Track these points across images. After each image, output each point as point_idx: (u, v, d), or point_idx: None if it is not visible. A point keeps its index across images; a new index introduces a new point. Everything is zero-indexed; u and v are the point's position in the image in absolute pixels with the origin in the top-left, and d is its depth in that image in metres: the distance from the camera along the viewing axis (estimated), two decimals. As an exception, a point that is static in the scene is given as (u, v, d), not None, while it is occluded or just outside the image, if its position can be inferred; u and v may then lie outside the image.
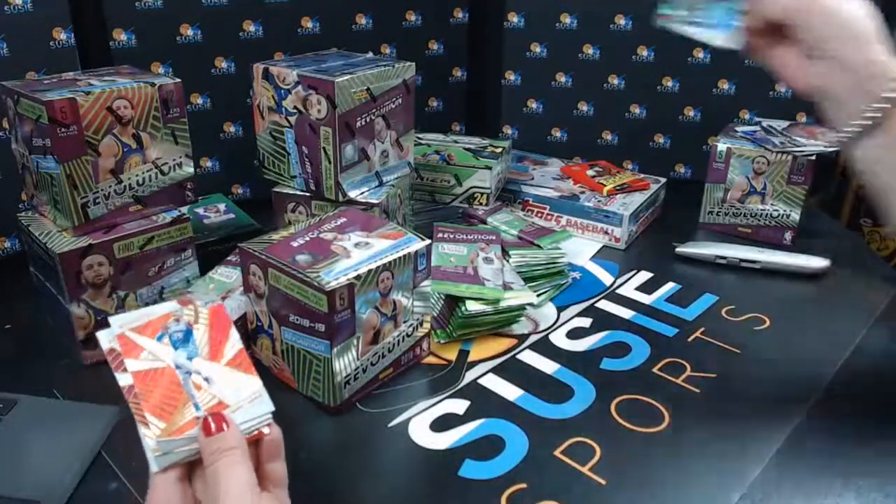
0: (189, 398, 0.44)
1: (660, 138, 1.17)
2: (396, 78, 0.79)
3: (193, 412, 0.44)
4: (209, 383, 0.45)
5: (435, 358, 0.73)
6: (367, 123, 0.78)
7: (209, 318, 0.48)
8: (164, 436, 0.42)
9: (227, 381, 0.46)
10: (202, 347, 0.46)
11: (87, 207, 0.67)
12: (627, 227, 0.95)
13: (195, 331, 0.47)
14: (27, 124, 0.65)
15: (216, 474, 0.41)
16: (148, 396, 0.43)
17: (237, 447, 0.42)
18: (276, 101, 0.78)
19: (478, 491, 0.56)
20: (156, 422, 0.43)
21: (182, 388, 0.44)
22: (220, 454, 0.42)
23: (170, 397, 0.44)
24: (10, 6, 0.80)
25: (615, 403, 0.66)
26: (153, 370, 0.44)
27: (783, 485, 0.57)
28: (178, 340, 0.46)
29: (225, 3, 0.96)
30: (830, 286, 0.87)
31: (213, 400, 0.44)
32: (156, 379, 0.44)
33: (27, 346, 0.74)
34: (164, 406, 0.43)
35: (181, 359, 0.46)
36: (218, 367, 0.46)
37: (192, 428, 0.43)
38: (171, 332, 0.46)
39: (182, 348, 0.46)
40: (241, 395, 0.45)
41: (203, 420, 0.43)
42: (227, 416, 0.43)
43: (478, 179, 0.96)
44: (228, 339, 0.47)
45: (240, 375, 0.46)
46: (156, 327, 0.46)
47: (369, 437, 0.62)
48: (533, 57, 1.16)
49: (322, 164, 0.77)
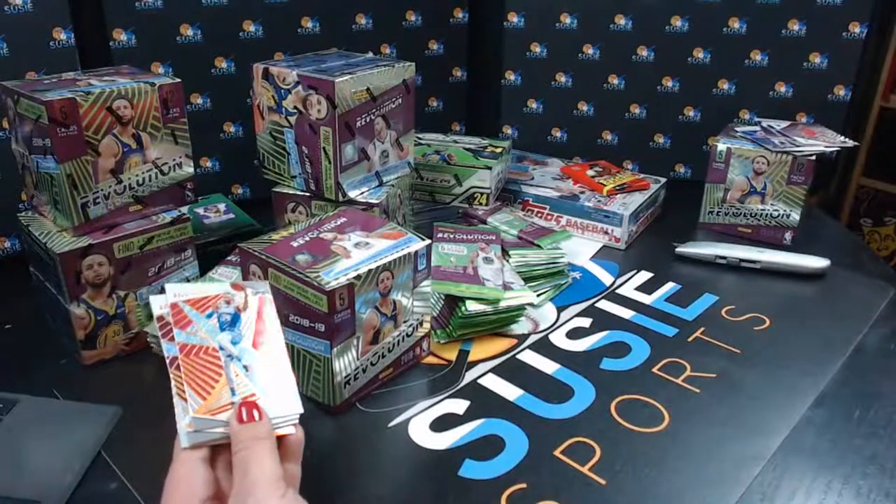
0: (227, 382, 0.44)
1: (660, 138, 1.17)
2: (396, 78, 0.79)
3: (230, 397, 0.44)
4: (247, 372, 0.45)
5: (435, 358, 0.73)
6: (367, 123, 0.77)
7: (258, 308, 0.47)
8: (200, 413, 0.42)
9: (265, 374, 0.45)
10: (247, 335, 0.47)
11: (87, 207, 0.67)
12: (627, 227, 0.95)
13: (243, 317, 0.47)
14: (27, 124, 0.65)
15: (246, 463, 0.41)
16: (190, 371, 0.44)
17: (267, 438, 0.42)
18: (276, 101, 0.78)
19: (478, 491, 0.56)
20: (194, 398, 0.43)
21: (222, 371, 0.44)
22: (250, 443, 0.42)
23: (210, 377, 0.44)
24: (10, 6, 0.80)
25: (615, 403, 0.66)
26: (198, 346, 0.45)
27: (783, 485, 0.57)
28: (225, 322, 0.46)
29: (225, 3, 0.96)
30: (830, 286, 0.87)
31: (249, 389, 0.44)
32: (199, 356, 0.44)
33: (27, 346, 0.74)
34: (203, 384, 0.43)
35: (226, 341, 0.46)
36: (258, 357, 0.46)
37: (226, 412, 0.43)
38: (220, 312, 0.47)
39: (228, 331, 0.46)
40: (275, 390, 0.45)
41: (238, 407, 0.43)
42: (261, 409, 0.43)
43: (478, 179, 0.96)
44: (272, 331, 0.48)
45: (277, 370, 0.46)
46: (207, 304, 0.46)
47: (369, 437, 0.62)
48: (533, 57, 1.16)
49: (322, 164, 0.77)
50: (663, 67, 1.12)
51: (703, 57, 1.10)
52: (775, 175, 0.94)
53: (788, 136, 0.97)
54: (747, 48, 1.09)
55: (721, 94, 1.12)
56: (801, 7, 1.05)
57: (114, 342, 0.71)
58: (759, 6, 1.06)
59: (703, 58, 1.10)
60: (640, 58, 1.12)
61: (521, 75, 1.18)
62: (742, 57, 1.09)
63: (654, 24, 1.10)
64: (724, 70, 1.11)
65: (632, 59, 1.13)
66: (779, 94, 1.10)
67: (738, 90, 1.11)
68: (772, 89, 1.10)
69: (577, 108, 1.18)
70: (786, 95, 1.10)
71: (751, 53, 1.09)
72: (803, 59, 1.08)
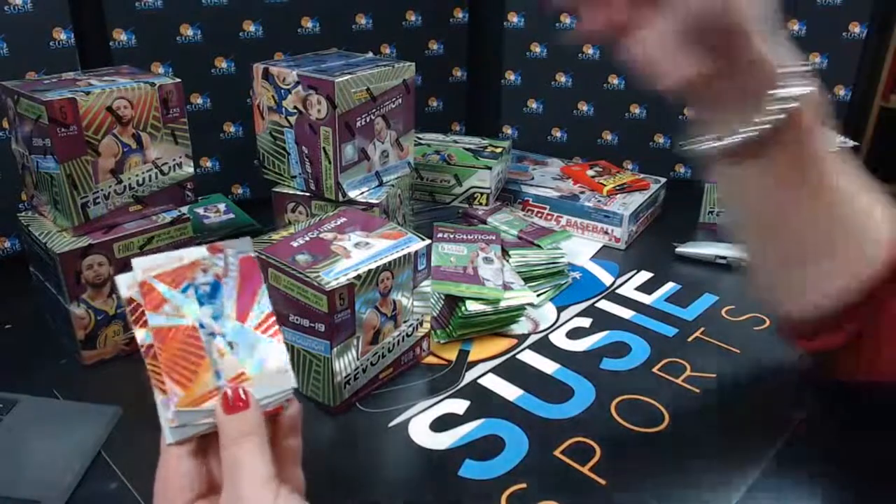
0: (211, 365, 0.40)
1: (660, 138, 1.17)
2: (396, 78, 0.79)
3: (215, 382, 0.40)
4: (233, 349, 0.41)
5: (435, 358, 0.73)
6: (367, 123, 0.77)
7: (239, 272, 0.42)
8: (182, 406, 0.39)
9: (252, 349, 0.41)
10: (229, 306, 0.41)
11: (87, 207, 0.67)
12: (627, 227, 0.95)
13: (224, 285, 0.42)
14: (27, 124, 0.65)
15: (234, 463, 0.38)
16: (168, 359, 0.39)
17: (256, 434, 0.39)
18: (276, 101, 0.78)
19: (478, 491, 0.56)
20: (175, 390, 0.39)
21: (205, 353, 0.40)
22: (239, 439, 0.39)
23: (191, 362, 0.40)
24: (10, 6, 0.80)
25: (615, 403, 0.66)
26: (175, 327, 0.40)
27: (783, 485, 0.57)
28: (204, 295, 0.41)
29: (225, 3, 0.96)
30: (830, 286, 0.87)
31: (236, 369, 0.40)
32: (177, 338, 0.40)
33: (27, 346, 0.74)
34: (184, 371, 0.39)
35: (206, 318, 0.41)
36: (244, 330, 0.41)
37: (212, 399, 0.39)
38: (197, 283, 0.41)
39: (208, 305, 0.41)
40: (265, 366, 0.41)
41: (223, 395, 0.39)
42: (249, 394, 0.40)
43: (478, 179, 0.96)
44: (258, 298, 0.42)
45: (266, 343, 0.42)
46: (182, 276, 0.41)
47: (369, 437, 0.62)
48: (533, 57, 1.16)
49: (322, 164, 0.77)
50: (663, 67, 1.12)
51: (703, 57, 1.10)
52: (775, 175, 0.94)
53: (788, 136, 0.97)
54: (747, 48, 1.09)
55: (721, 94, 1.12)
56: (801, 7, 1.05)
57: (114, 342, 0.71)
58: (759, 6, 1.06)
59: (703, 58, 1.10)
60: (640, 58, 1.12)
61: (521, 75, 1.18)
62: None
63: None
64: (724, 70, 1.10)
65: (632, 59, 1.13)
66: (779, 94, 1.10)
67: (738, 90, 1.11)
68: (772, 89, 1.10)
69: (577, 108, 1.18)
70: (786, 95, 1.10)
71: (751, 53, 1.09)
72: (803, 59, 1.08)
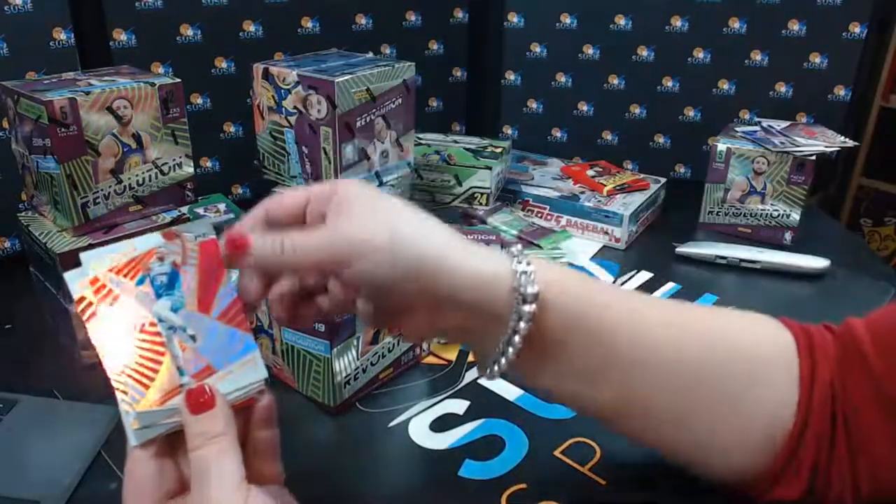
0: (173, 361, 0.38)
1: (660, 138, 1.17)
2: (396, 78, 0.79)
3: (178, 379, 0.38)
4: (195, 342, 0.38)
5: (435, 358, 0.73)
6: (367, 123, 0.77)
7: (199, 258, 0.39)
8: (144, 407, 0.37)
9: (217, 341, 0.39)
10: (189, 296, 0.39)
11: (87, 207, 0.67)
12: (627, 227, 0.95)
13: (182, 274, 0.39)
14: (27, 124, 0.65)
15: (202, 466, 0.37)
16: (126, 358, 0.37)
17: (224, 434, 0.37)
18: (276, 101, 0.78)
19: (478, 491, 0.56)
20: (135, 390, 0.37)
21: (165, 349, 0.38)
22: (206, 440, 0.37)
23: (151, 360, 0.38)
24: (10, 6, 0.80)
25: (615, 403, 0.66)
26: (132, 324, 0.38)
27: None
28: (161, 286, 0.39)
29: (225, 3, 0.96)
30: (830, 286, 0.87)
31: (200, 364, 0.38)
32: (135, 336, 0.38)
33: (27, 346, 0.74)
34: (144, 370, 0.37)
35: (164, 311, 0.38)
36: (207, 320, 0.39)
37: (176, 397, 0.37)
38: (153, 274, 0.39)
39: (166, 296, 0.38)
40: (232, 358, 0.39)
41: (187, 393, 0.37)
42: (215, 390, 0.38)
43: (478, 179, 0.96)
44: (221, 284, 0.39)
45: (231, 333, 0.39)
46: (136, 268, 0.38)
47: (369, 437, 0.62)
48: (533, 57, 1.16)
49: (322, 164, 0.77)
50: (663, 67, 1.12)
51: (703, 57, 1.10)
52: (775, 175, 0.94)
53: (788, 136, 0.97)
54: (747, 48, 1.09)
55: (721, 94, 1.12)
56: (801, 7, 1.05)
57: (114, 342, 0.71)
58: (759, 6, 1.06)
59: (703, 58, 1.10)
60: (640, 58, 1.12)
61: (521, 75, 1.18)
62: (742, 57, 1.09)
63: (654, 24, 1.10)
64: (724, 70, 1.11)
65: (632, 59, 1.13)
66: (779, 94, 1.10)
67: (738, 90, 1.11)
68: (772, 89, 1.10)
69: (577, 108, 1.18)
70: (786, 95, 1.10)
71: (751, 53, 1.09)
72: (803, 59, 1.08)
